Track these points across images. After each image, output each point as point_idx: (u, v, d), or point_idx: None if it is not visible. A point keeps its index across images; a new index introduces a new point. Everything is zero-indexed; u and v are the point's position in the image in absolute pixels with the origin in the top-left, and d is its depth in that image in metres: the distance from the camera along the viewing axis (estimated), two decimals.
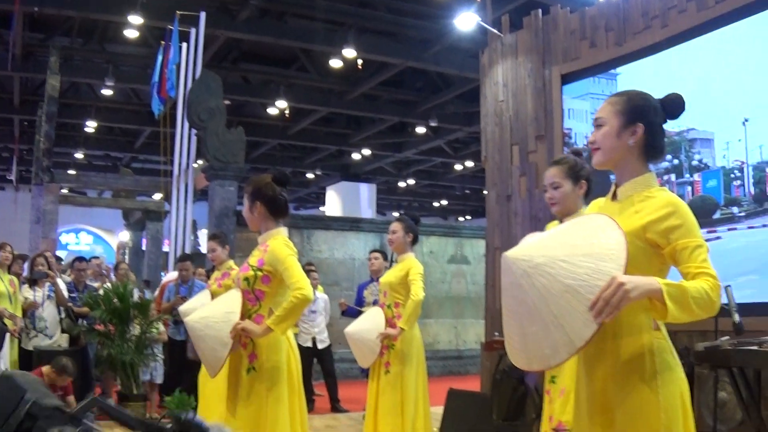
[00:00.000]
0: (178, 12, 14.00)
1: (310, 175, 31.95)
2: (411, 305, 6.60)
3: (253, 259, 4.84)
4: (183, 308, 7.50)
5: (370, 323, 6.82)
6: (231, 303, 4.85)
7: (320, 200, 34.86)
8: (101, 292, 10.80)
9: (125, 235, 26.32)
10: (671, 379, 2.90)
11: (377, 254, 9.42)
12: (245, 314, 4.74)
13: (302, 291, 4.56)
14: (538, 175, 9.50)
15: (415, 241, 7.00)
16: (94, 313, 10.30)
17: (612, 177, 3.15)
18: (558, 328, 2.63)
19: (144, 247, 22.99)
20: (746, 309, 6.00)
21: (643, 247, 2.86)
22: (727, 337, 5.33)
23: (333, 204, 29.53)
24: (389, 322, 6.74)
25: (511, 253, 2.79)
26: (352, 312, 9.35)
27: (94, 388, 10.39)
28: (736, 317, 5.51)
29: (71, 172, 25.89)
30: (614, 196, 3.09)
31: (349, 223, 16.93)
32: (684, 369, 3.03)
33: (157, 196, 21.12)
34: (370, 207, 28.84)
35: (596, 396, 2.97)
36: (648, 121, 3.00)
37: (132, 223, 24.73)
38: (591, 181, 4.61)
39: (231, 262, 8.13)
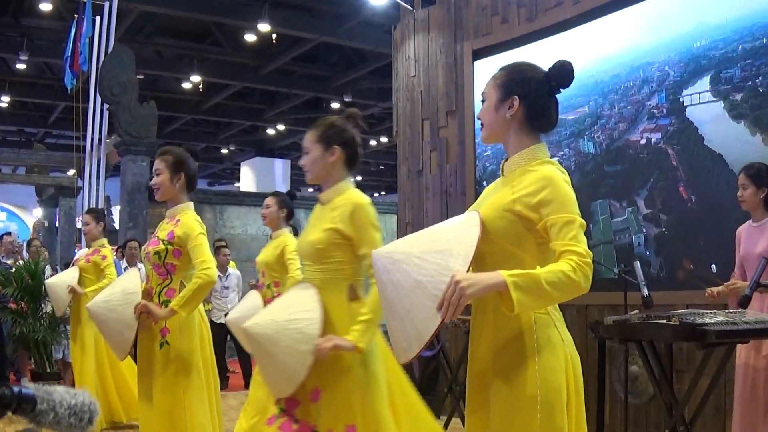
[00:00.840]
0: None
1: (224, 151, 31.74)
2: (291, 283, 6.24)
3: (163, 232, 4.81)
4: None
5: (250, 309, 6.40)
6: (130, 283, 4.83)
7: (234, 176, 34.67)
8: (13, 270, 10.67)
9: (39, 213, 25.90)
10: (554, 355, 2.78)
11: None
12: (156, 288, 4.74)
13: (207, 272, 4.60)
14: (449, 150, 9.63)
15: (289, 216, 6.95)
16: (6, 290, 10.18)
17: None
18: (410, 323, 2.69)
19: (57, 224, 22.65)
20: (656, 283, 6.20)
21: (513, 220, 2.78)
22: (636, 311, 5.47)
23: (247, 180, 29.38)
24: (269, 303, 6.56)
25: (378, 250, 2.90)
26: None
27: (7, 367, 10.27)
28: (645, 291, 5.67)
29: None
30: (502, 171, 3.03)
31: (262, 199, 16.86)
32: (595, 343, 3.14)
33: (71, 172, 20.82)
34: (284, 183, 28.75)
35: (476, 372, 2.92)
36: (525, 92, 2.90)
37: (45, 200, 24.33)
38: (352, 148, 4.04)
39: (104, 240, 8.07)
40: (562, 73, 2.94)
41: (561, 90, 2.98)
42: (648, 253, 7.56)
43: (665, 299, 6.68)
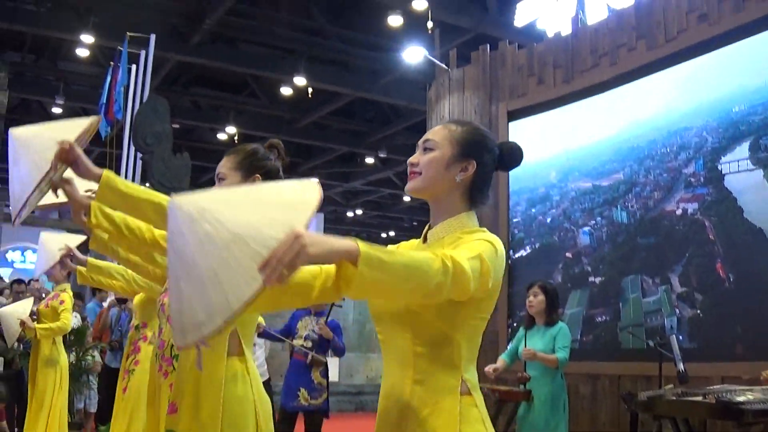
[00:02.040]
0: (128, 33, 13.85)
1: None
2: None
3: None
4: None
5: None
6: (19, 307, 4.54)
7: None
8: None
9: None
10: None
11: None
12: (168, 341, 4.40)
13: None
14: (481, 213, 9.46)
15: None
16: (28, 337, 10.07)
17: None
18: (216, 287, 2.01)
19: None
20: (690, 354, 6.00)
21: None
22: (671, 386, 5.27)
23: None
24: (134, 345, 6.29)
25: (178, 198, 2.16)
26: (268, 335, 9.03)
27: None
28: (681, 366, 5.47)
29: None
30: (425, 238, 2.64)
31: None
32: (627, 415, 2.90)
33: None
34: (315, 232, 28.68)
35: None
36: (482, 161, 2.60)
37: (77, 245, 24.35)
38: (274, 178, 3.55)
39: (66, 285, 7.92)
40: (512, 157, 2.70)
41: (497, 170, 2.74)
42: (681, 338, 7.17)
43: (700, 371, 6.46)
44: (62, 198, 3.51)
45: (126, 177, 15.14)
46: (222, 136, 22.05)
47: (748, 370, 6.22)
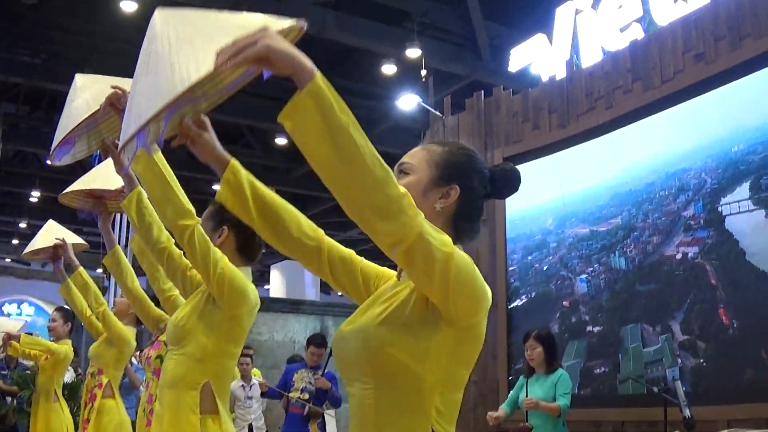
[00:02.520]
0: None
1: None
2: None
3: (165, 336, 4.48)
4: None
5: None
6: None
7: (264, 278, 34.52)
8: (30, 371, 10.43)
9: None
10: None
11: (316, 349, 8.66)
12: (156, 394, 4.35)
13: None
14: (480, 259, 9.36)
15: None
16: (23, 393, 9.93)
17: None
18: (166, 73, 1.91)
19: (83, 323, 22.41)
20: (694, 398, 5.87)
21: (423, 316, 2.00)
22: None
23: (277, 283, 29.17)
24: (90, 392, 6.20)
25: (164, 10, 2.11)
26: (272, 393, 8.92)
27: None
28: (687, 411, 5.34)
29: (15, 242, 25.40)
30: (399, 274, 2.27)
31: (290, 305, 16.69)
32: None
33: (100, 271, 20.69)
34: (314, 286, 28.51)
35: None
36: (468, 185, 2.17)
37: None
38: (245, 231, 3.32)
39: (68, 342, 7.77)
40: (507, 180, 2.28)
41: (490, 198, 2.29)
42: (684, 388, 6.97)
43: (705, 415, 6.29)
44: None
45: (120, 228, 15.07)
46: (217, 187, 21.89)
47: (756, 412, 6.11)
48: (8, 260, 23.42)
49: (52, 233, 6.52)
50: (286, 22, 1.91)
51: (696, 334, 7.16)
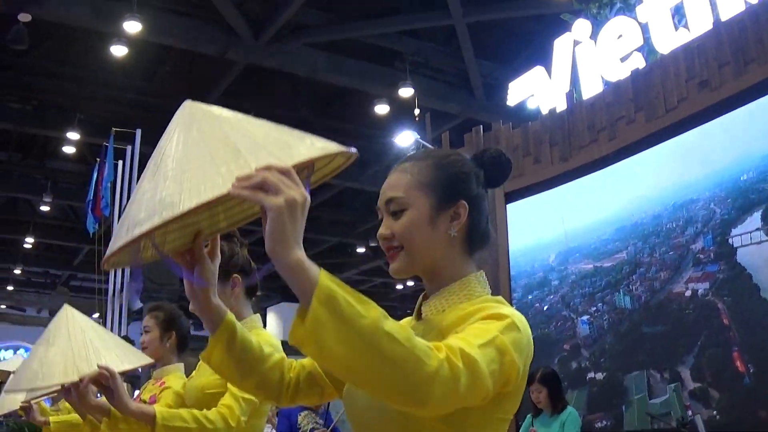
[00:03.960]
0: (113, 129, 13.72)
1: None
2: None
3: (147, 394, 4.24)
4: None
5: None
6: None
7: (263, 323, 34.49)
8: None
9: None
10: None
11: None
12: None
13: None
14: None
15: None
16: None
17: None
18: (174, 183, 1.58)
19: None
20: None
21: None
22: None
23: (273, 325, 29.02)
24: None
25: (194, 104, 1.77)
26: None
27: None
28: None
29: (10, 288, 25.39)
30: (419, 314, 1.98)
31: (288, 347, 16.40)
32: None
33: (96, 316, 20.56)
34: None
35: None
36: (471, 194, 1.91)
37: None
38: (249, 272, 3.42)
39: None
40: (499, 167, 2.01)
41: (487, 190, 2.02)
42: None
43: None
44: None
45: (115, 275, 14.92)
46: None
47: None
48: (3, 306, 23.33)
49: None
50: (333, 147, 1.63)
51: (708, 381, 6.80)
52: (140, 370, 10.36)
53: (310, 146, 1.64)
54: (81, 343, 3.38)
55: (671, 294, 7.45)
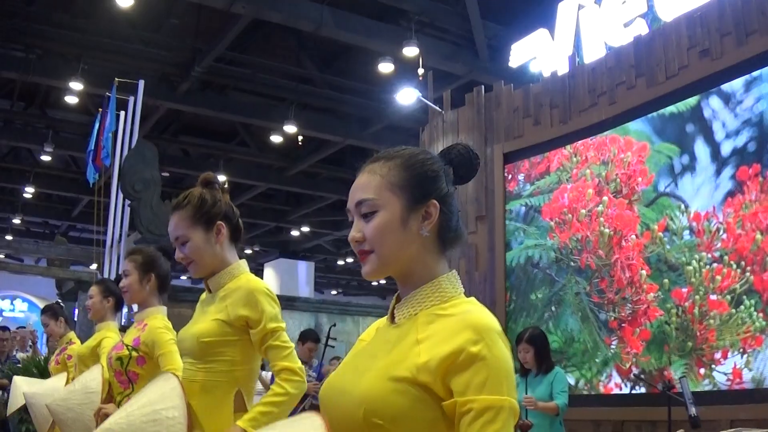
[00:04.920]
0: (116, 79, 13.72)
1: (247, 251, 31.53)
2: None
3: (128, 337, 4.27)
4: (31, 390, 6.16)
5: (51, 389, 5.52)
6: (91, 381, 4.33)
7: (258, 276, 34.39)
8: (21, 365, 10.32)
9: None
10: None
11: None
12: (116, 398, 4.24)
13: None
14: (478, 257, 9.30)
15: (117, 306, 5.93)
16: None
17: None
18: None
19: (75, 318, 22.31)
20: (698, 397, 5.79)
21: (418, 397, 1.73)
22: (681, 431, 5.05)
23: (270, 281, 29.12)
24: None
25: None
26: None
27: None
28: (693, 410, 5.25)
29: (8, 237, 25.40)
30: (392, 316, 1.97)
31: (284, 302, 16.57)
32: None
33: (93, 267, 20.63)
34: (307, 285, 28.50)
35: None
36: (442, 193, 1.91)
37: (65, 293, 24.07)
38: (233, 219, 3.43)
39: (71, 335, 7.50)
40: (466, 165, 1.99)
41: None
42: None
43: (707, 414, 6.21)
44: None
45: (114, 225, 14.98)
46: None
47: (758, 412, 6.05)
48: (1, 255, 23.37)
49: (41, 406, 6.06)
50: None
51: None
52: (126, 317, 10.44)
53: None
54: None
55: None
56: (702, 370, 7.05)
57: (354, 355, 2.01)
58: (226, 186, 3.50)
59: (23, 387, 5.94)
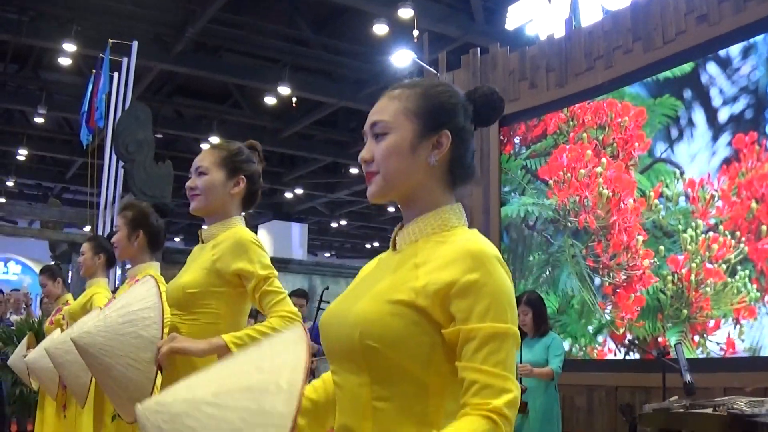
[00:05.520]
0: (110, 40, 13.63)
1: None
2: None
3: (120, 293, 4.15)
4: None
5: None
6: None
7: None
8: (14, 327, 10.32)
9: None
10: None
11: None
12: None
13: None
14: (473, 220, 9.27)
15: (109, 263, 5.88)
16: (7, 348, 9.80)
17: None
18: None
19: (69, 280, 22.29)
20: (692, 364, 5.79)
21: (414, 320, 1.73)
22: (675, 397, 5.06)
23: (264, 243, 29.06)
24: None
25: (146, 403, 1.70)
26: None
27: (9, 426, 9.89)
28: (687, 377, 5.25)
29: (2, 200, 25.34)
30: (394, 244, 1.99)
31: (277, 264, 16.58)
32: (625, 427, 2.62)
33: (87, 229, 20.62)
34: (301, 247, 28.52)
35: None
36: (457, 126, 1.90)
37: (58, 255, 24.06)
38: (256, 184, 3.46)
39: (68, 296, 7.37)
40: (491, 105, 1.97)
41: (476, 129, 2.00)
42: None
43: (701, 381, 6.23)
44: None
45: (107, 187, 14.94)
46: (205, 146, 21.79)
47: (751, 380, 6.06)
48: None
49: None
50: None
51: None
52: (120, 274, 10.40)
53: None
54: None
55: None
56: (696, 338, 7.07)
57: (355, 285, 2.02)
58: (262, 157, 3.54)
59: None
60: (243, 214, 3.48)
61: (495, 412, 1.60)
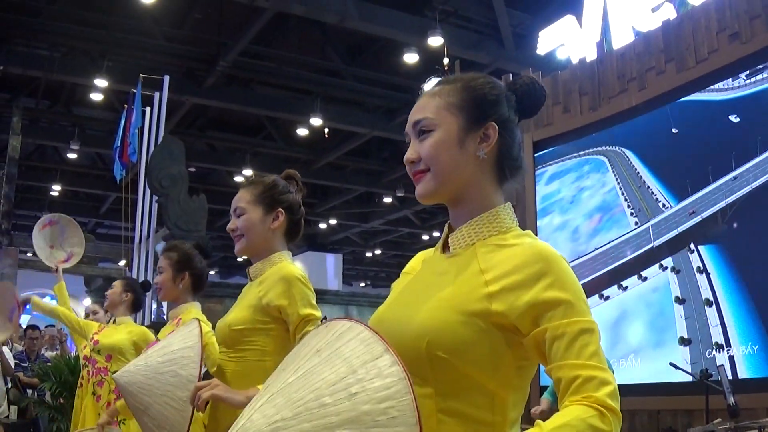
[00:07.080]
0: (141, 75, 13.74)
1: None
2: None
3: (163, 334, 4.28)
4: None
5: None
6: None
7: None
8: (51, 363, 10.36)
9: (88, 302, 25.72)
10: None
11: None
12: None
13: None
14: None
15: (135, 306, 6.15)
16: (44, 384, 9.83)
17: None
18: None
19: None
20: (737, 385, 5.70)
21: (486, 329, 1.69)
22: (719, 420, 4.96)
23: None
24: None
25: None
26: None
27: None
28: (731, 398, 5.15)
29: None
30: (445, 247, 1.92)
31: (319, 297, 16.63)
32: None
33: (122, 263, 20.74)
34: (336, 277, 28.53)
35: None
36: (503, 117, 1.86)
37: (94, 290, 24.18)
38: (297, 215, 3.42)
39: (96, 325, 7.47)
40: (533, 95, 1.92)
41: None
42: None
43: (745, 403, 6.12)
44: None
45: (142, 221, 15.02)
46: (239, 179, 21.97)
47: None
48: (29, 254, 23.49)
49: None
50: None
51: None
52: (164, 313, 10.40)
53: None
54: None
55: None
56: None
57: (404, 288, 1.95)
58: (301, 186, 3.50)
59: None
60: (289, 246, 3.43)
61: (599, 404, 1.57)
